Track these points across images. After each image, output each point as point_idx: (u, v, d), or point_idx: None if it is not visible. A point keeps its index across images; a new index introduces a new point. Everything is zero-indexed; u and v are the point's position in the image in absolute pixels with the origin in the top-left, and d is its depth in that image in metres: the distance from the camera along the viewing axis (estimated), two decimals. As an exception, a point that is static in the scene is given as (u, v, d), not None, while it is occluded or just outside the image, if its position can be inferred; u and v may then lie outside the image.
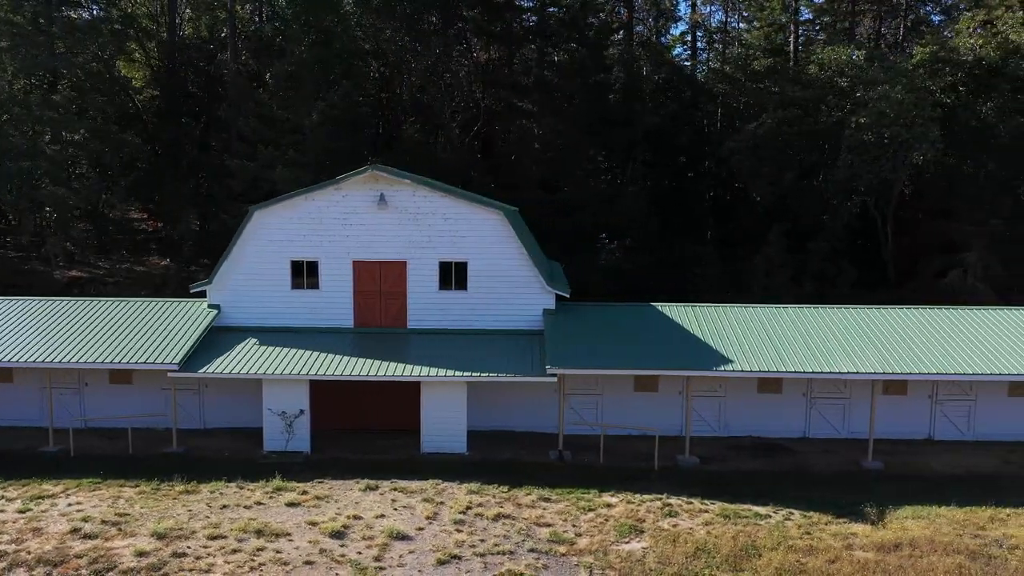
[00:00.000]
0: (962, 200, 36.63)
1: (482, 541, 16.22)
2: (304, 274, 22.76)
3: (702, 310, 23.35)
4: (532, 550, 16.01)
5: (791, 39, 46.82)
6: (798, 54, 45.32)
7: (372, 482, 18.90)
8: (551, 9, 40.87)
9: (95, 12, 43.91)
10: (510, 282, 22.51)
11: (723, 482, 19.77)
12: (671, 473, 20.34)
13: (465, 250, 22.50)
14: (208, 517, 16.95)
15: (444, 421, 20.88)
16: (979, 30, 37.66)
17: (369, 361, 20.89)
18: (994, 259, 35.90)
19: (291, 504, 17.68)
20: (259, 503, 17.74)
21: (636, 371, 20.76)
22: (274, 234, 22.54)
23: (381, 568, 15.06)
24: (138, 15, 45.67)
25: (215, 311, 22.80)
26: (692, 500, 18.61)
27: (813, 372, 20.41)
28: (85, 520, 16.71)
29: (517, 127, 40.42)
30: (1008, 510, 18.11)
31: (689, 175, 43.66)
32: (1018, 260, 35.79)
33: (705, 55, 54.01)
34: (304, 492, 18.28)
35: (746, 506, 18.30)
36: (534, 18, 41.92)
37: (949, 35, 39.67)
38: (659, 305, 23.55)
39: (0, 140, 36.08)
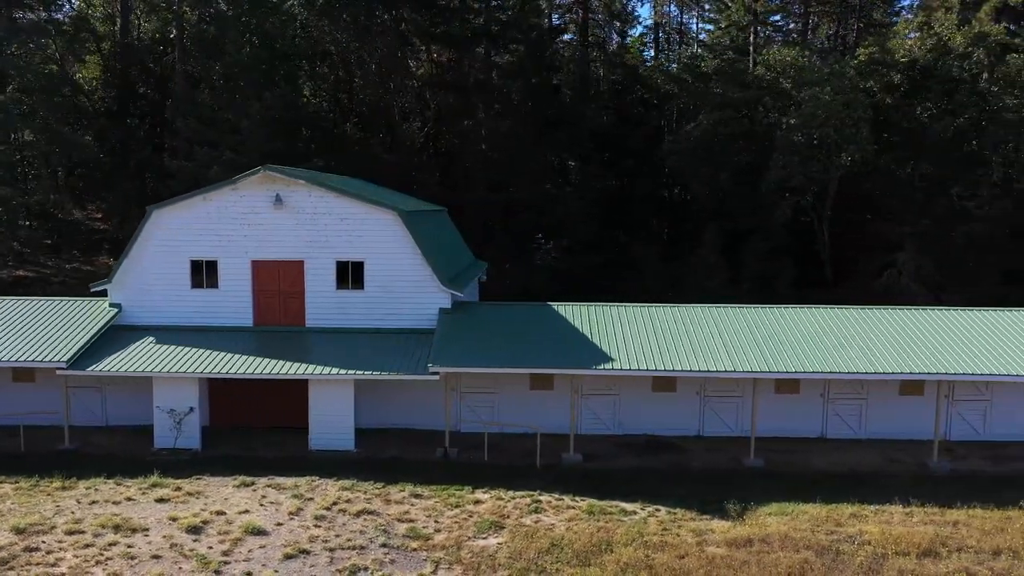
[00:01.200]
0: (897, 200, 36.86)
1: (337, 536, 16.48)
2: (203, 273, 23.02)
3: (600, 309, 23.56)
4: (384, 545, 16.25)
5: (751, 40, 47.16)
6: (756, 56, 45.62)
7: (248, 479, 19.17)
8: (494, 7, 41.08)
9: (43, 14, 44.26)
10: (406, 282, 22.76)
11: (601, 479, 19.99)
12: (553, 470, 20.56)
13: (362, 250, 22.76)
14: (73, 513, 17.22)
15: (332, 419, 21.14)
16: (916, 33, 37.87)
17: (257, 359, 21.16)
18: (927, 259, 36.13)
19: (160, 500, 17.95)
20: (130, 499, 18.01)
21: (519, 369, 20.95)
22: (173, 234, 22.81)
23: (226, 562, 15.30)
24: (92, 17, 46.03)
25: (116, 310, 23.07)
26: (563, 497, 18.84)
27: (690, 371, 20.58)
28: (-49, 515, 17.02)
29: (462, 128, 40.65)
30: (872, 507, 18.33)
31: (636, 176, 43.86)
32: (951, 260, 36.02)
33: (663, 56, 54.20)
34: (178, 488, 18.54)
35: (615, 503, 18.53)
36: (480, 20, 42.18)
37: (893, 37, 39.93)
38: (556, 304, 23.78)
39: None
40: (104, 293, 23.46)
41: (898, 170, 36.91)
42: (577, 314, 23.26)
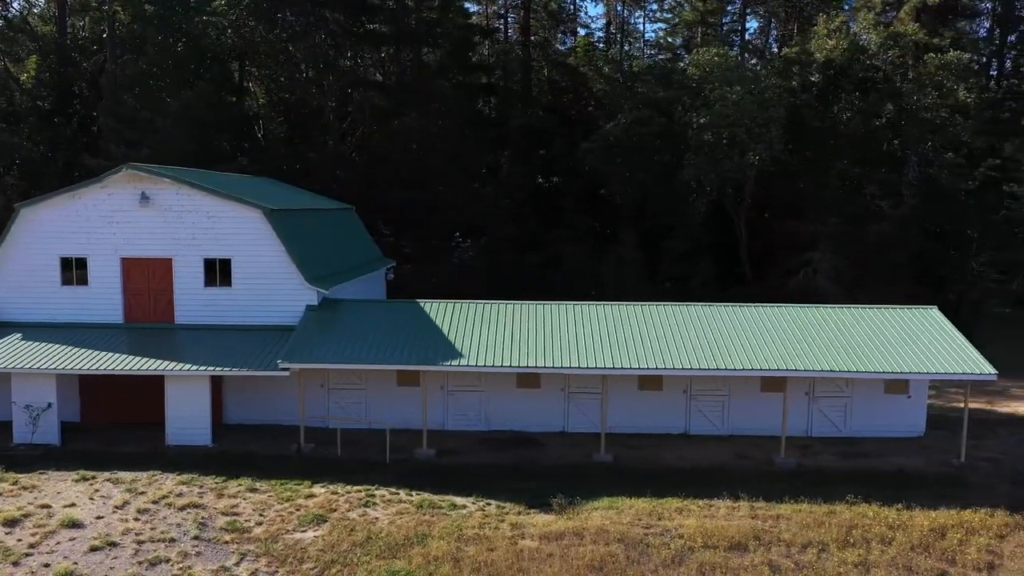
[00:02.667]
0: (813, 200, 37.05)
1: (152, 529, 16.68)
2: (73, 271, 23.23)
3: (470, 307, 23.69)
4: (197, 538, 16.46)
5: (699, 39, 47.45)
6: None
7: (90, 473, 19.36)
8: (418, 8, 41.26)
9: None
10: (272, 279, 22.96)
11: (446, 474, 20.19)
12: (402, 465, 20.76)
13: (228, 247, 22.97)
14: (-101, 505, 17.45)
15: (188, 414, 21.33)
16: (835, 33, 38.03)
17: (118, 356, 21.35)
18: (841, 258, 36.30)
19: (-9, 494, 18.20)
20: (-38, 492, 18.25)
21: (369, 365, 21.08)
22: (42, 231, 23.02)
23: (28, 555, 15.51)
24: (31, 16, 46.24)
25: (-15, 306, 23.32)
26: (400, 491, 19.04)
27: (544, 368, 20.77)
28: None
29: (386, 128, 40.82)
30: (701, 502, 18.52)
31: (566, 175, 44.04)
32: (864, 259, 36.19)
33: (606, 55, 54.37)
34: (15, 483, 18.73)
35: (449, 497, 18.73)
36: (410, 20, 42.36)
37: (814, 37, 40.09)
38: (424, 302, 23.95)
39: None
40: (-23, 290, 23.66)
41: (815, 169, 37.06)
42: (444, 312, 23.41)
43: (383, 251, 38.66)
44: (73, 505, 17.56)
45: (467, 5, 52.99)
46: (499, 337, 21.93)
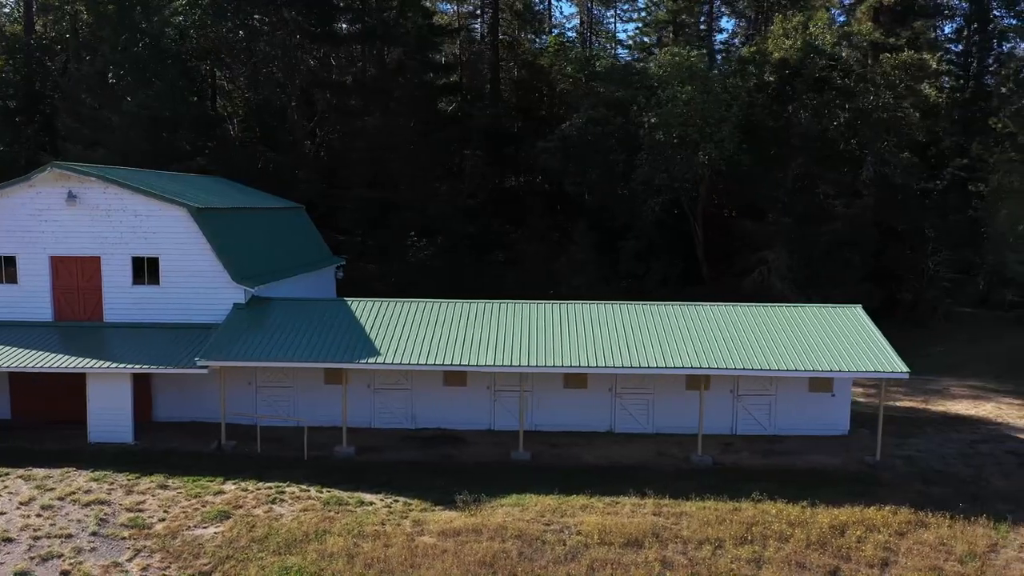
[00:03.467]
0: (766, 200, 37.13)
1: (52, 525, 16.80)
2: (2, 268, 23.36)
3: (399, 305, 23.74)
4: (95, 534, 16.58)
5: (671, 39, 47.57)
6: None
7: (3, 470, 19.49)
8: (376, 8, 41.35)
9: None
10: (200, 277, 23.08)
11: (361, 471, 20.29)
12: (320, 463, 20.87)
13: (156, 246, 23.10)
14: None
15: (109, 412, 21.46)
16: (792, 32, 38.11)
17: (42, 354, 21.48)
18: (795, 258, 36.40)
19: (-99, 490, 18.32)
20: None
21: (287, 363, 21.19)
22: (-29, 230, 23.18)
23: (-79, 549, 15.67)
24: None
25: (-84, 305, 23.45)
26: (310, 488, 19.16)
27: (457, 365, 20.89)
28: None
29: (344, 127, 40.94)
30: (606, 499, 18.61)
31: (527, 174, 44.19)
32: (818, 259, 36.28)
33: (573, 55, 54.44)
34: (-72, 479, 18.91)
35: (358, 494, 18.83)
36: (369, 20, 42.47)
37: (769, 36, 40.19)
38: (355, 300, 24.03)
39: None
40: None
41: (770, 169, 37.13)
42: (375, 310, 23.47)
43: (345, 250, 38.84)
44: (-22, 501, 17.73)
45: (440, 5, 53.35)
46: (426, 335, 22.01)
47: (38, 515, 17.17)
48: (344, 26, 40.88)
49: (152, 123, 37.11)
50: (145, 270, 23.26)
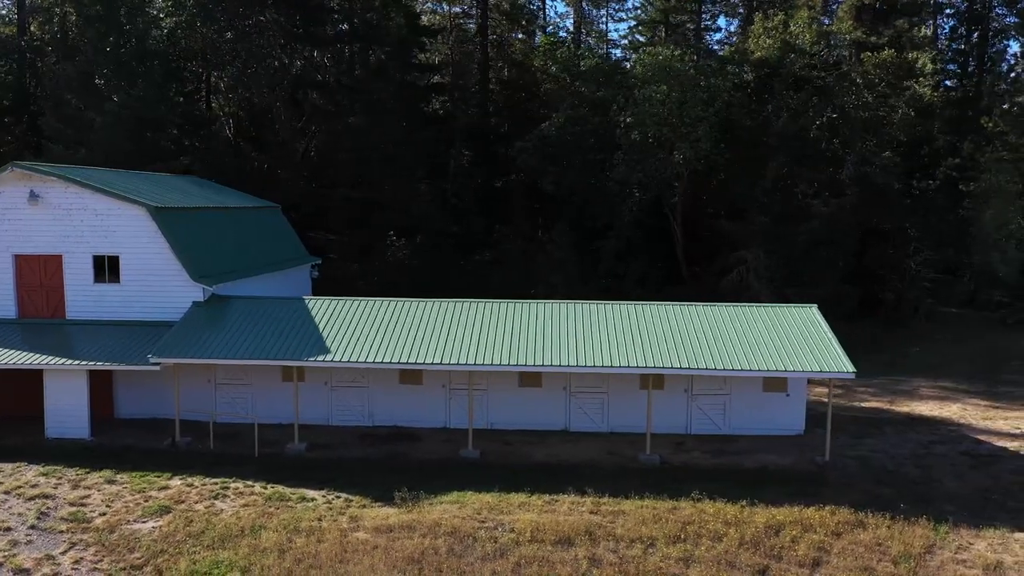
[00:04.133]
0: (745, 199, 37.03)
1: (-9, 516, 17.14)
2: (-33, 267, 23.78)
3: (359, 304, 23.88)
4: (33, 527, 16.87)
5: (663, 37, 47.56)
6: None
7: (-47, 464, 19.90)
8: (359, 9, 41.60)
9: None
10: (159, 275, 23.37)
11: (310, 468, 20.47)
12: (270, 459, 21.07)
13: (117, 244, 23.41)
14: None
15: (66, 408, 21.79)
16: (772, 31, 37.96)
17: (3, 350, 21.83)
18: (773, 258, 36.27)
19: None
20: None
21: (241, 361, 21.43)
22: (-63, 228, 23.59)
23: None
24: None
25: None
26: (255, 484, 19.35)
27: (410, 364, 21.02)
28: None
29: (328, 127, 41.21)
30: (546, 496, 18.66)
31: (508, 175, 44.28)
32: (796, 259, 36.14)
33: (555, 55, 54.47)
34: None
35: (301, 491, 19.02)
36: (353, 21, 42.74)
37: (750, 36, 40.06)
38: (311, 299, 24.24)
39: None
40: None
41: (748, 169, 37.01)
42: (335, 308, 23.60)
43: (330, 250, 39.14)
44: (-76, 494, 18.06)
45: (431, 5, 53.56)
46: (382, 334, 22.15)
47: (-19, 508, 17.51)
48: (328, 28, 41.09)
49: (136, 123, 37.46)
50: (106, 268, 23.58)
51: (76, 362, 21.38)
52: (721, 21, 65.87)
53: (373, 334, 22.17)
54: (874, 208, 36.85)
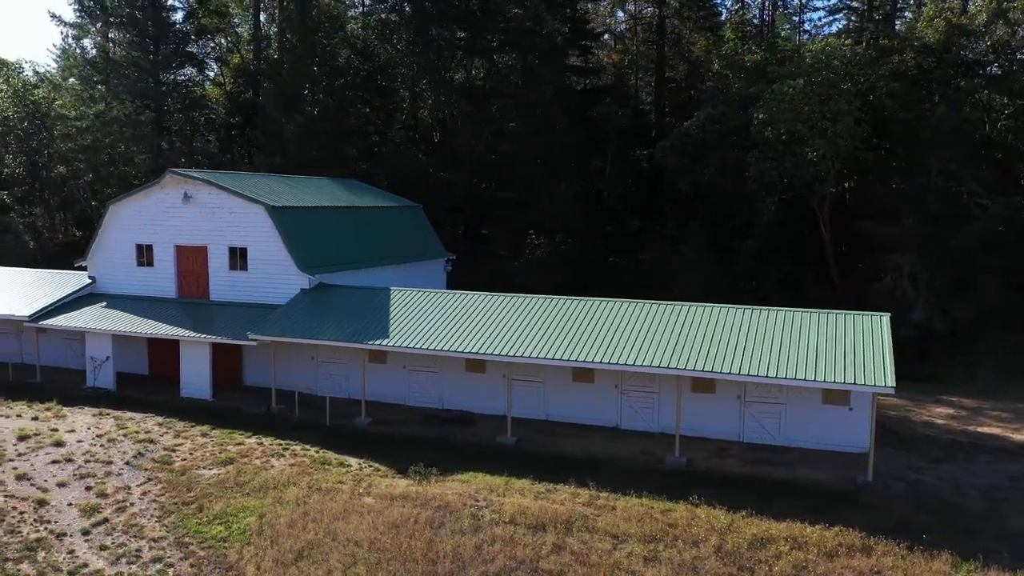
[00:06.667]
0: (900, 198, 33.82)
1: (105, 450, 21.48)
2: (144, 254, 29.28)
3: (445, 296, 25.88)
4: (127, 463, 20.93)
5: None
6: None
7: (107, 411, 24.87)
8: (513, 18, 43.60)
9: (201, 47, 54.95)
10: (275, 264, 27.17)
11: (364, 439, 22.90)
12: (337, 429, 23.81)
13: (245, 238, 27.57)
14: (-26, 420, 24.05)
15: (195, 373, 26.22)
16: (945, 14, 34.11)
17: (157, 324, 26.83)
18: (929, 263, 32.85)
19: (34, 418, 24.18)
20: (19, 415, 24.46)
21: (316, 341, 24.32)
22: (124, 223, 29.33)
23: (12, 460, 20.91)
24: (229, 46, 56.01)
25: (92, 280, 30.13)
26: (310, 448, 22.15)
27: (474, 354, 22.61)
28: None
29: (491, 132, 43.77)
30: (548, 484, 19.38)
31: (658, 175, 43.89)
32: (954, 266, 32.43)
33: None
34: (56, 413, 24.65)
35: (344, 457, 21.50)
36: (507, 32, 44.84)
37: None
38: (400, 290, 26.61)
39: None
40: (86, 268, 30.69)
41: (905, 166, 33.62)
42: (419, 300, 25.84)
43: (483, 247, 41.87)
44: (72, 431, 22.99)
45: (606, 5, 54.38)
46: (451, 324, 23.94)
47: (101, 445, 21.98)
48: (491, 39, 43.74)
49: (324, 133, 42.67)
50: (238, 258, 27.87)
51: (201, 336, 25.71)
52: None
53: (442, 324, 24.04)
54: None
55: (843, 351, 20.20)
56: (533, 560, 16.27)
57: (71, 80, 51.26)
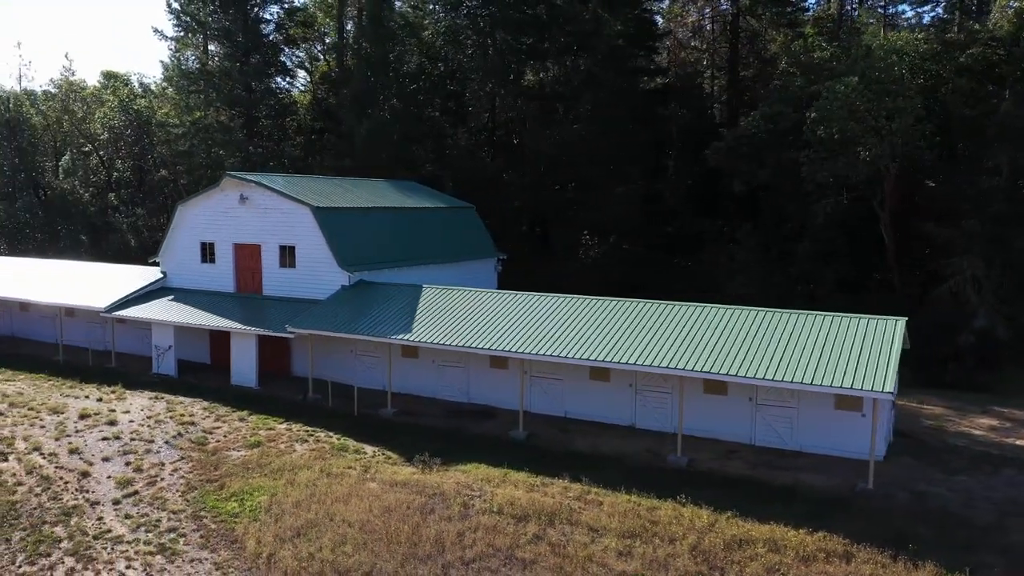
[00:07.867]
0: (962, 199, 32.19)
1: (150, 431, 23.46)
2: (207, 252, 31.53)
3: (471, 294, 26.75)
4: (167, 442, 22.81)
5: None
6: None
7: (160, 395, 27.04)
8: (571, 19, 43.92)
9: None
10: (319, 262, 28.75)
11: (385, 428, 24.01)
12: (364, 418, 25.03)
13: (293, 237, 29.29)
14: (49, 397, 26.64)
15: (243, 362, 28.09)
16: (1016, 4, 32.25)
17: (213, 316, 28.92)
18: (994, 267, 31.18)
19: (99, 399, 26.61)
20: (87, 396, 26.97)
21: (347, 335, 25.61)
22: (190, 223, 31.69)
23: (69, 435, 23.19)
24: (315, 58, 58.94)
25: (164, 275, 32.69)
26: (333, 435, 23.46)
27: (501, 351, 23.37)
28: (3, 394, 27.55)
29: (551, 133, 44.34)
30: (543, 478, 19.88)
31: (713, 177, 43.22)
32: (1018, 265, 30.65)
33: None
34: (119, 395, 27.03)
35: (362, 445, 22.69)
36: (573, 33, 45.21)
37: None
38: (432, 287, 27.62)
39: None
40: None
41: (969, 164, 31.90)
42: (448, 297, 26.82)
43: (541, 247, 42.55)
44: (127, 412, 25.20)
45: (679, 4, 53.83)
46: (481, 322, 24.70)
47: (149, 426, 24.03)
48: (549, 44, 44.33)
49: (393, 136, 44.40)
50: (287, 255, 29.63)
51: (247, 328, 27.56)
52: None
53: (468, 321, 24.88)
54: None
55: (850, 355, 19.75)
56: (510, 548, 16.87)
57: (170, 90, 55.10)
